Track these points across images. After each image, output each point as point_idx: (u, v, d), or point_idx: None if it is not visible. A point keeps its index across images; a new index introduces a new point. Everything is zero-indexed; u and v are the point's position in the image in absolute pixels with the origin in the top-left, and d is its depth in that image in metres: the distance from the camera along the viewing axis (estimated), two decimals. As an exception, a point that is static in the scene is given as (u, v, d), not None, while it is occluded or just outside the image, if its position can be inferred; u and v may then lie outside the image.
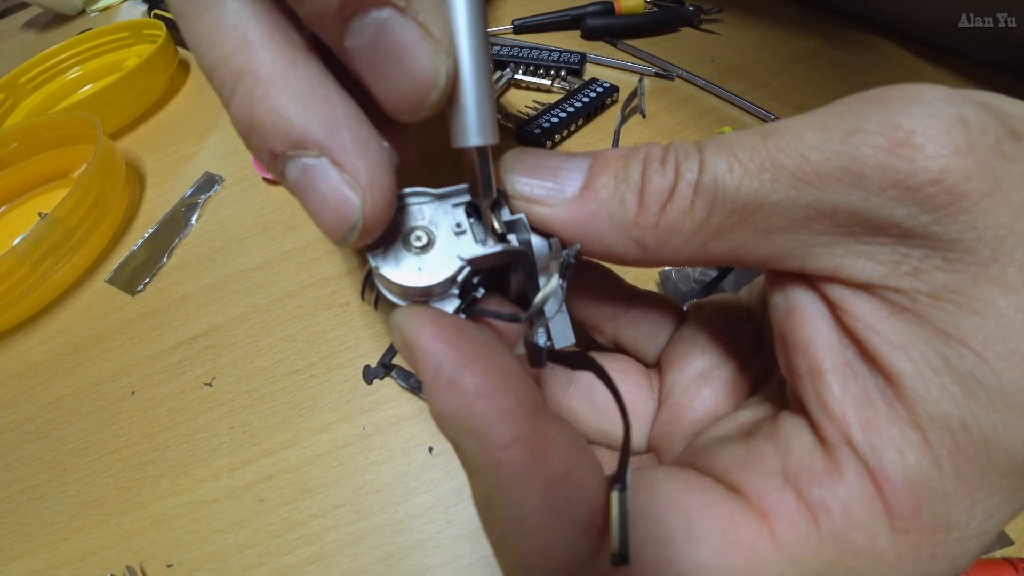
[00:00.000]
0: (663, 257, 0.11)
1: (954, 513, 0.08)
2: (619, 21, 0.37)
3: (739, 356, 0.13)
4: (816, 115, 0.09)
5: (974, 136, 0.08)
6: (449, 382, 0.09)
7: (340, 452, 0.19)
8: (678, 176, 0.10)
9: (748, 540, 0.09)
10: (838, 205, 0.09)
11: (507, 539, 0.09)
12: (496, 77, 0.33)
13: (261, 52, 0.09)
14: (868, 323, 0.09)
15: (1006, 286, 0.08)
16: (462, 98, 0.10)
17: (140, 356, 0.23)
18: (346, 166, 0.09)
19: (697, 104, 0.33)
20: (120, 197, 0.29)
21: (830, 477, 0.09)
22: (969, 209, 0.08)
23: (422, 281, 0.11)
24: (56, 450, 0.22)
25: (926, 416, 0.08)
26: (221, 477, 0.20)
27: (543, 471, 0.09)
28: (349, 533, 0.18)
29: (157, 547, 0.18)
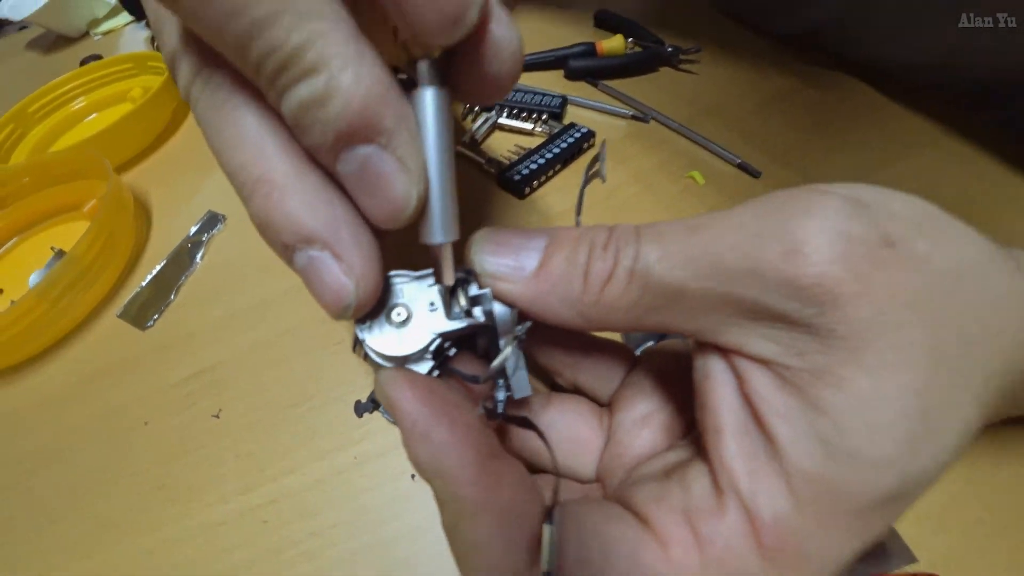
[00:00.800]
0: (605, 327, 0.13)
1: (811, 547, 0.11)
2: (601, 62, 0.40)
3: (677, 402, 0.16)
4: (732, 216, 0.12)
5: (851, 248, 0.10)
6: (422, 436, 0.11)
7: (336, 478, 0.22)
8: (616, 262, 0.12)
9: (649, 562, 0.11)
10: (744, 297, 0.11)
11: (465, 556, 0.12)
12: (481, 121, 0.35)
13: (275, 162, 0.11)
14: (761, 393, 0.11)
15: (866, 369, 0.10)
16: (429, 207, 0.12)
17: (152, 388, 0.26)
18: (344, 258, 0.11)
19: (671, 147, 0.36)
20: (129, 233, 0.31)
21: (716, 516, 0.11)
22: (842, 307, 0.10)
23: (401, 351, 0.13)
24: (73, 475, 0.24)
25: (794, 471, 0.11)
26: (228, 501, 0.22)
27: (494, 505, 0.11)
28: (344, 550, 0.20)
29: (170, 565, 0.21)
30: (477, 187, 0.32)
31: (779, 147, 0.36)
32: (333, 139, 0.10)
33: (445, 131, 0.12)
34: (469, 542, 0.11)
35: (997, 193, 0.33)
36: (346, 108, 0.10)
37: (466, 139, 0.34)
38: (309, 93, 0.10)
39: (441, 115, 0.12)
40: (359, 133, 0.10)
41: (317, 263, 0.11)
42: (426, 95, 0.11)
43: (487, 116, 0.35)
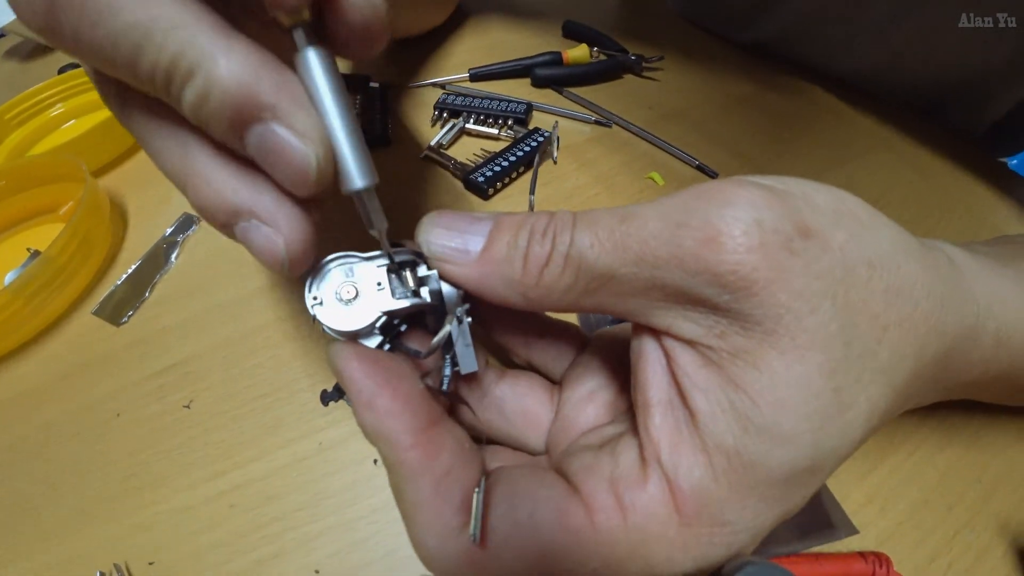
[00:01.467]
0: (545, 307, 0.14)
1: (727, 513, 0.12)
2: (566, 71, 0.42)
3: (621, 381, 0.17)
4: (660, 205, 0.12)
5: (766, 236, 0.11)
6: (367, 403, 0.13)
7: (300, 464, 0.23)
8: (553, 247, 0.13)
9: (575, 525, 0.12)
10: (667, 281, 0.12)
11: (407, 515, 0.13)
12: (449, 127, 0.36)
13: (199, 157, 0.13)
14: (685, 370, 0.12)
15: (780, 350, 0.11)
16: (340, 158, 0.12)
17: (125, 382, 0.26)
18: (270, 222, 0.13)
19: (632, 150, 0.38)
20: (105, 234, 0.32)
21: (639, 484, 0.12)
22: (758, 293, 0.11)
23: (348, 327, 0.14)
24: (47, 468, 0.24)
25: (711, 444, 0.12)
26: (197, 487, 0.23)
27: (433, 468, 0.13)
28: (306, 532, 0.21)
29: (140, 548, 0.22)
30: (443, 189, 0.34)
31: (737, 149, 0.38)
32: (228, 128, 0.11)
33: (335, 85, 0.12)
34: (409, 502, 0.13)
35: (944, 193, 0.36)
36: (225, 96, 0.11)
37: (433, 143, 0.36)
38: (194, 94, 0.11)
39: (326, 71, 0.12)
40: (245, 114, 0.11)
41: (250, 231, 0.13)
42: (308, 56, 0.12)
43: (454, 122, 0.37)
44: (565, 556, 0.12)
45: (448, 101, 0.38)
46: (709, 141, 0.39)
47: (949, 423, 0.24)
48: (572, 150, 0.37)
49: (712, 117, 0.41)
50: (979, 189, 0.36)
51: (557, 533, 0.12)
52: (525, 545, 0.12)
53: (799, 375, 0.11)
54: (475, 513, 0.12)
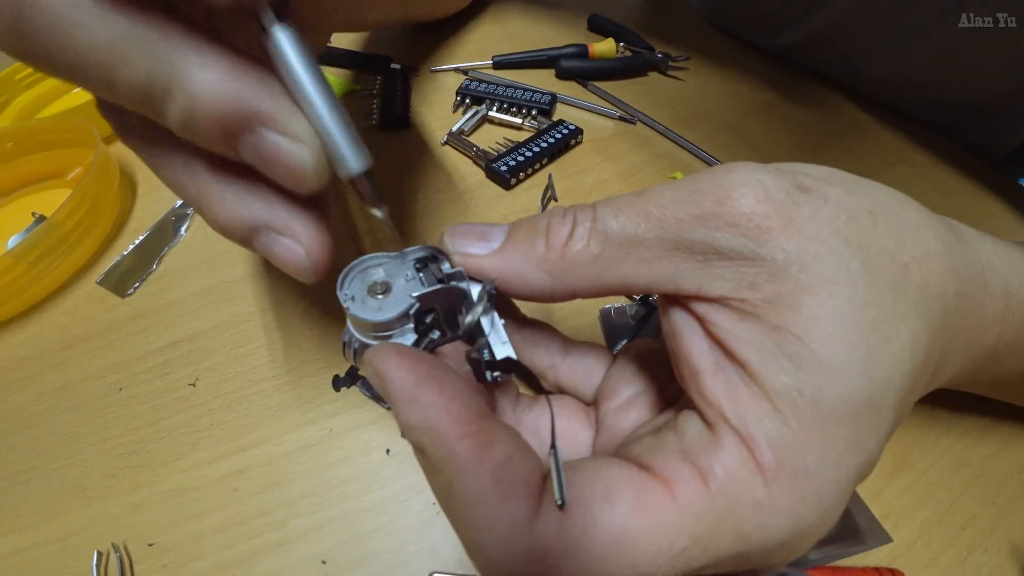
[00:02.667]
0: (570, 283, 0.14)
1: (808, 461, 0.11)
2: (591, 64, 0.41)
3: (657, 384, 0.17)
4: (670, 184, 0.13)
5: (770, 192, 0.12)
6: (411, 399, 0.12)
7: (308, 450, 0.22)
8: (575, 224, 0.14)
9: (654, 501, 0.11)
10: (692, 239, 0.12)
11: (463, 513, 0.11)
12: (471, 113, 0.36)
13: (205, 177, 0.13)
14: (725, 327, 0.12)
15: (810, 290, 0.11)
16: (329, 145, 0.12)
17: (128, 356, 0.26)
18: (288, 233, 0.13)
19: (655, 148, 0.37)
20: (113, 203, 0.31)
21: (713, 447, 0.12)
22: (775, 237, 0.12)
23: (382, 316, 0.14)
24: (43, 439, 0.24)
25: (772, 390, 0.11)
26: (199, 468, 0.22)
27: (488, 457, 0.11)
28: (311, 521, 0.21)
29: (139, 528, 0.21)
30: (464, 175, 0.33)
31: (759, 155, 0.38)
32: (218, 141, 0.11)
33: (312, 68, 0.12)
34: (465, 498, 0.11)
35: (962, 211, 0.35)
36: (209, 111, 0.11)
37: (454, 129, 0.35)
38: (178, 112, 0.11)
39: (300, 52, 0.12)
40: (233, 126, 0.11)
41: (270, 244, 0.13)
42: (278, 38, 0.11)
43: (477, 109, 0.36)
44: (649, 537, 0.11)
45: (471, 87, 0.37)
46: (732, 145, 0.38)
47: (964, 443, 0.24)
48: (596, 144, 0.36)
49: (735, 121, 0.40)
50: (997, 209, 0.36)
51: (636, 512, 0.11)
52: (603, 529, 0.11)
53: (834, 309, 0.11)
54: (556, 476, 0.11)
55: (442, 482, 0.12)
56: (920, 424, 0.24)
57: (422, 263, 0.15)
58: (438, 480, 0.12)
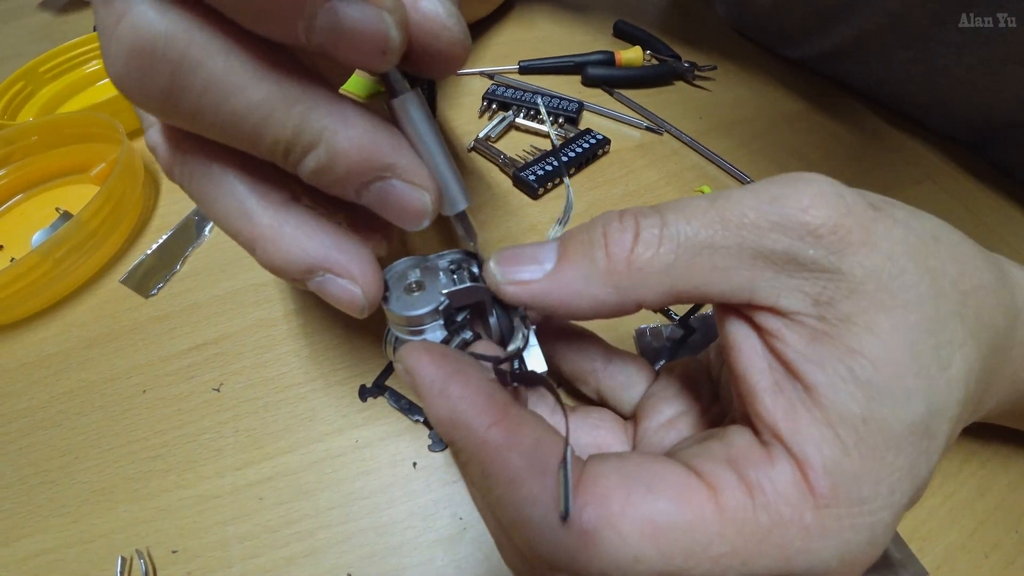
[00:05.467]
0: (639, 295, 0.13)
1: (864, 490, 0.11)
2: (618, 72, 0.41)
3: (700, 405, 0.17)
4: (745, 189, 0.13)
5: (850, 206, 0.12)
6: (440, 392, 0.12)
7: (334, 460, 0.22)
8: (639, 229, 0.13)
9: (697, 501, 0.11)
10: (774, 248, 0.12)
11: (503, 498, 0.11)
12: (498, 120, 0.35)
13: (262, 218, 0.13)
14: (794, 346, 0.12)
15: (886, 310, 0.11)
16: (443, 189, 0.14)
17: (152, 357, 0.25)
18: (344, 274, 0.13)
19: (682, 160, 0.37)
20: (137, 200, 0.31)
21: (764, 463, 0.11)
22: (856, 251, 0.11)
23: (415, 311, 0.15)
24: (68, 439, 0.23)
25: (836, 416, 0.11)
26: (225, 475, 0.22)
27: (518, 441, 0.11)
28: (338, 532, 0.20)
29: (163, 534, 0.21)
30: (491, 183, 0.33)
31: (785, 168, 0.37)
32: (350, 188, 0.13)
33: (429, 123, 0.13)
34: (503, 481, 0.11)
35: (989, 230, 0.35)
36: (349, 165, 0.12)
37: (481, 135, 0.34)
38: (316, 163, 0.12)
39: (423, 113, 0.13)
40: (366, 176, 0.12)
41: (326, 284, 0.13)
42: (405, 102, 0.13)
43: (504, 115, 0.36)
44: (685, 532, 0.11)
45: (498, 93, 0.36)
46: (758, 158, 0.37)
47: (987, 470, 0.24)
48: (622, 155, 0.36)
49: (762, 133, 0.40)
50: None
51: (677, 509, 0.11)
52: (641, 515, 0.11)
53: (906, 333, 0.11)
54: (562, 495, 0.11)
55: (477, 472, 0.12)
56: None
57: (456, 265, 0.16)
58: (473, 470, 0.12)
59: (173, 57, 0.10)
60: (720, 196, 0.13)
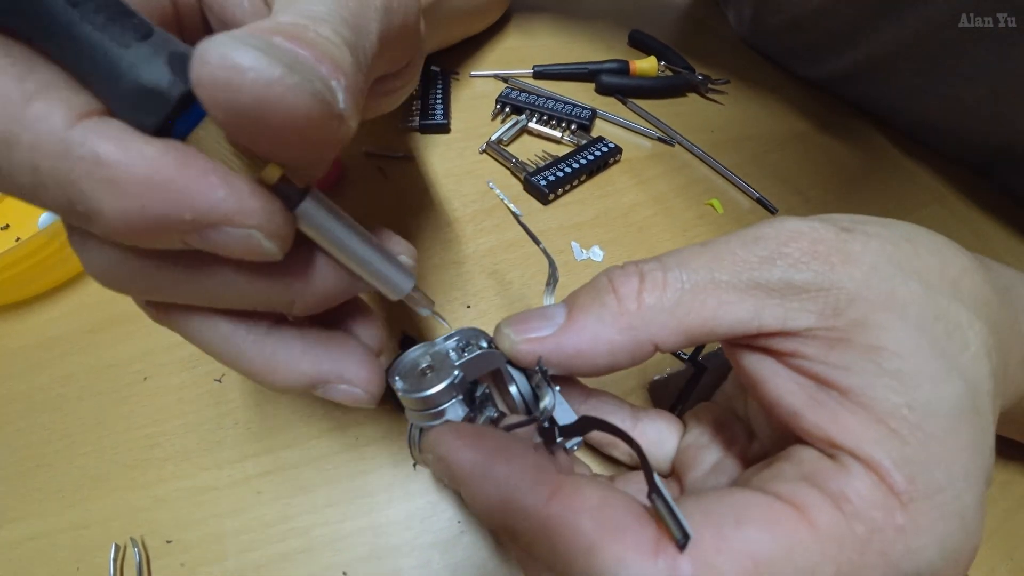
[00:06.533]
0: (652, 334, 0.13)
1: (938, 476, 0.11)
2: (632, 82, 0.41)
3: (738, 446, 0.17)
4: (729, 235, 0.14)
5: (822, 234, 0.13)
6: (483, 475, 0.11)
7: (335, 457, 0.22)
8: (643, 275, 0.14)
9: (789, 525, 0.11)
10: (769, 277, 0.13)
11: (586, 569, 0.10)
12: (511, 123, 0.35)
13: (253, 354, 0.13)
14: (818, 358, 0.12)
15: (890, 308, 0.12)
16: (378, 280, 0.13)
17: (154, 345, 0.25)
18: (343, 379, 0.13)
19: (692, 172, 0.37)
20: (147, 186, 0.31)
21: (841, 473, 0.11)
22: (841, 269, 0.12)
23: (429, 390, 0.14)
24: (67, 423, 0.23)
25: (881, 411, 0.11)
26: (223, 468, 0.22)
27: (585, 505, 0.11)
28: (335, 530, 0.20)
29: (158, 524, 0.21)
30: (502, 187, 0.33)
31: (796, 186, 0.37)
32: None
33: (341, 221, 0.12)
34: (582, 552, 0.10)
35: (995, 253, 0.35)
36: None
37: (493, 138, 0.34)
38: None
39: (328, 214, 0.11)
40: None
41: (328, 392, 0.14)
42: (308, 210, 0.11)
43: (517, 119, 0.36)
44: (790, 566, 0.10)
45: (511, 96, 0.36)
46: (767, 174, 0.38)
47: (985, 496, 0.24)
48: (632, 164, 0.36)
49: (771, 150, 0.40)
50: (1032, 256, 0.36)
51: (773, 538, 0.11)
52: (741, 555, 0.10)
53: (915, 324, 0.12)
54: (669, 518, 0.10)
55: (545, 550, 0.11)
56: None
57: (465, 342, 0.16)
58: (540, 550, 0.11)
59: (139, 283, 0.11)
60: (710, 242, 0.14)
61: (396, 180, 0.33)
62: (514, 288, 0.28)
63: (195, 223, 0.09)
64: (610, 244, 0.31)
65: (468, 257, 0.29)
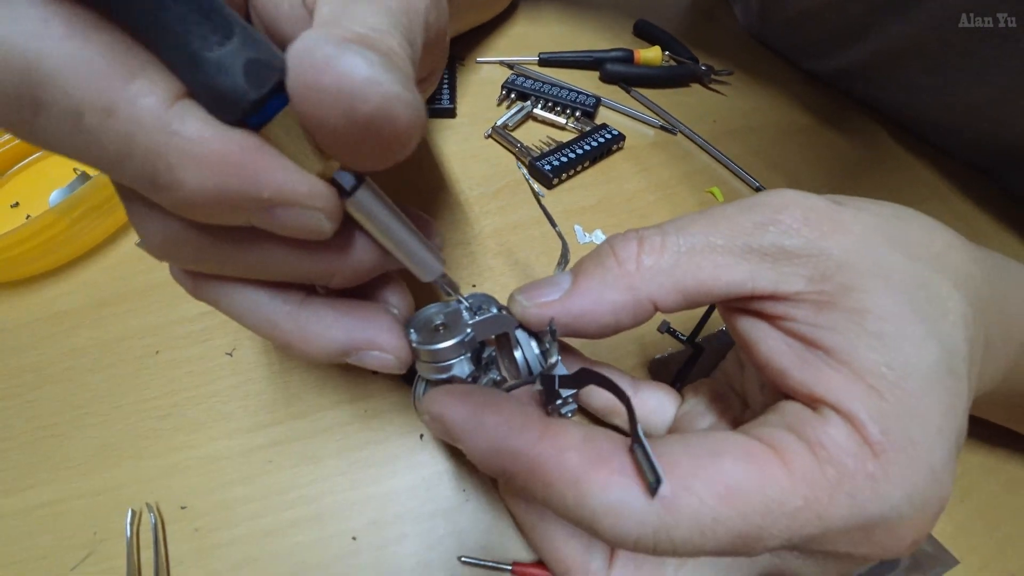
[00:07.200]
0: (652, 293, 0.14)
1: (912, 430, 0.11)
2: (636, 70, 0.41)
3: (731, 414, 0.18)
4: (726, 203, 0.15)
5: (816, 204, 0.14)
6: (475, 426, 0.12)
7: (343, 428, 0.22)
8: (642, 240, 0.14)
9: (764, 462, 0.11)
10: (762, 242, 0.13)
11: (576, 497, 0.11)
12: (516, 109, 0.36)
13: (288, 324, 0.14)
14: (807, 320, 0.13)
15: (875, 275, 0.13)
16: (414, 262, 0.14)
17: (165, 319, 0.26)
18: (373, 346, 0.14)
19: (694, 161, 0.37)
20: (155, 165, 0.31)
21: (820, 422, 0.12)
22: (832, 236, 0.13)
23: (442, 344, 0.15)
24: (78, 394, 0.24)
25: (862, 368, 0.12)
26: (233, 437, 0.22)
27: (571, 442, 0.12)
28: (344, 498, 0.21)
29: (171, 491, 0.21)
30: (506, 170, 0.33)
31: (796, 178, 0.38)
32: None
33: (389, 209, 0.13)
34: (571, 482, 0.11)
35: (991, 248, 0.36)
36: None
37: (499, 123, 0.35)
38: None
39: (379, 203, 0.12)
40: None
41: (362, 358, 0.15)
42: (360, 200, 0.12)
43: (522, 105, 0.36)
44: (758, 490, 0.11)
45: (517, 83, 0.37)
46: (768, 165, 0.38)
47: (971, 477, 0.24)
48: (635, 152, 0.36)
49: (773, 142, 0.41)
50: (1027, 252, 0.36)
51: (748, 471, 0.11)
52: (715, 482, 0.11)
53: (899, 290, 0.12)
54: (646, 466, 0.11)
55: (539, 486, 0.12)
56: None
57: (477, 305, 0.17)
58: (535, 487, 0.12)
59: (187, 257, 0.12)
60: (707, 209, 0.15)
61: (403, 163, 0.33)
62: (519, 268, 0.29)
63: (270, 201, 0.10)
64: (612, 229, 0.31)
65: (474, 238, 0.30)
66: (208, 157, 0.09)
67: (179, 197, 0.10)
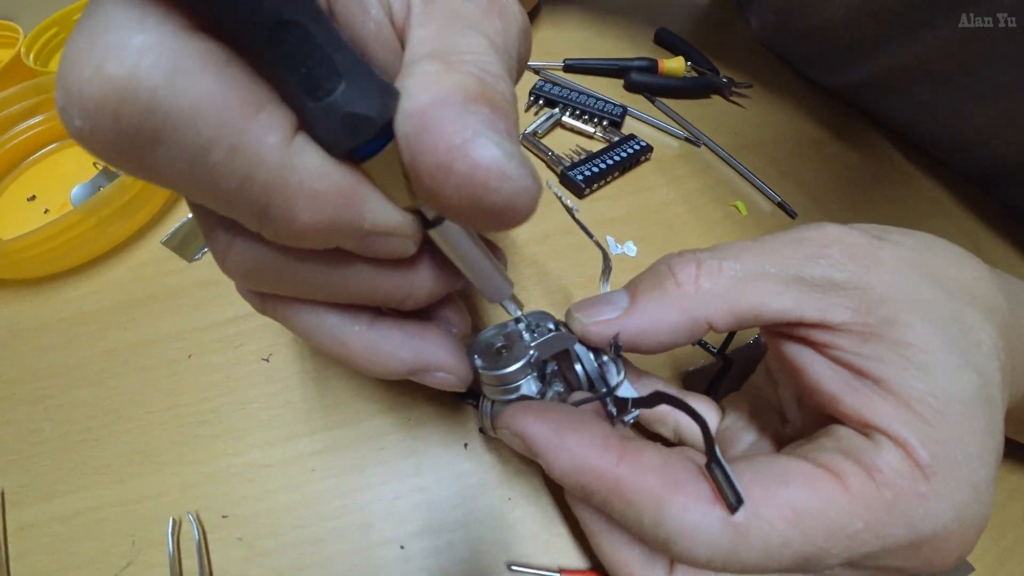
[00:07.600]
0: (707, 314, 0.15)
1: (956, 453, 0.12)
2: (659, 80, 0.41)
3: (772, 428, 0.18)
4: (775, 234, 0.15)
5: (858, 240, 0.15)
6: (558, 446, 0.13)
7: (386, 437, 0.22)
8: (700, 263, 0.15)
9: (827, 487, 0.12)
10: (812, 273, 0.14)
11: (655, 518, 0.12)
12: (546, 116, 0.36)
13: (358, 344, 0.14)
14: (853, 350, 0.14)
15: (913, 309, 0.13)
16: (488, 286, 0.15)
17: (197, 323, 0.25)
18: (438, 368, 0.15)
19: (717, 173, 0.38)
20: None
21: (874, 448, 0.13)
22: (873, 271, 0.14)
23: (508, 368, 0.16)
24: (111, 398, 0.23)
25: (908, 397, 0.13)
26: (275, 445, 0.22)
27: (650, 465, 0.13)
28: (389, 507, 0.21)
29: (212, 499, 0.21)
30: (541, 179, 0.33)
31: (812, 193, 0.39)
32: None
33: (470, 238, 0.13)
34: (651, 504, 0.12)
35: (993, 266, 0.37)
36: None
37: (528, 131, 0.35)
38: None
39: (461, 232, 0.13)
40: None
41: (427, 378, 0.15)
42: (446, 230, 0.12)
43: (551, 112, 0.36)
44: (823, 515, 0.12)
45: (545, 89, 0.37)
46: (785, 179, 0.39)
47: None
48: (661, 163, 0.37)
49: (789, 155, 0.41)
50: (1030, 271, 0.38)
51: (813, 496, 0.12)
52: (783, 506, 0.12)
53: (936, 324, 0.13)
54: (725, 486, 0.12)
55: (619, 506, 0.12)
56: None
57: (535, 324, 0.17)
58: (615, 506, 0.13)
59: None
60: (759, 239, 0.15)
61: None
62: (552, 278, 0.29)
63: (369, 231, 0.11)
64: (644, 240, 0.32)
65: (506, 248, 0.30)
66: (324, 193, 0.10)
67: (291, 230, 0.10)
